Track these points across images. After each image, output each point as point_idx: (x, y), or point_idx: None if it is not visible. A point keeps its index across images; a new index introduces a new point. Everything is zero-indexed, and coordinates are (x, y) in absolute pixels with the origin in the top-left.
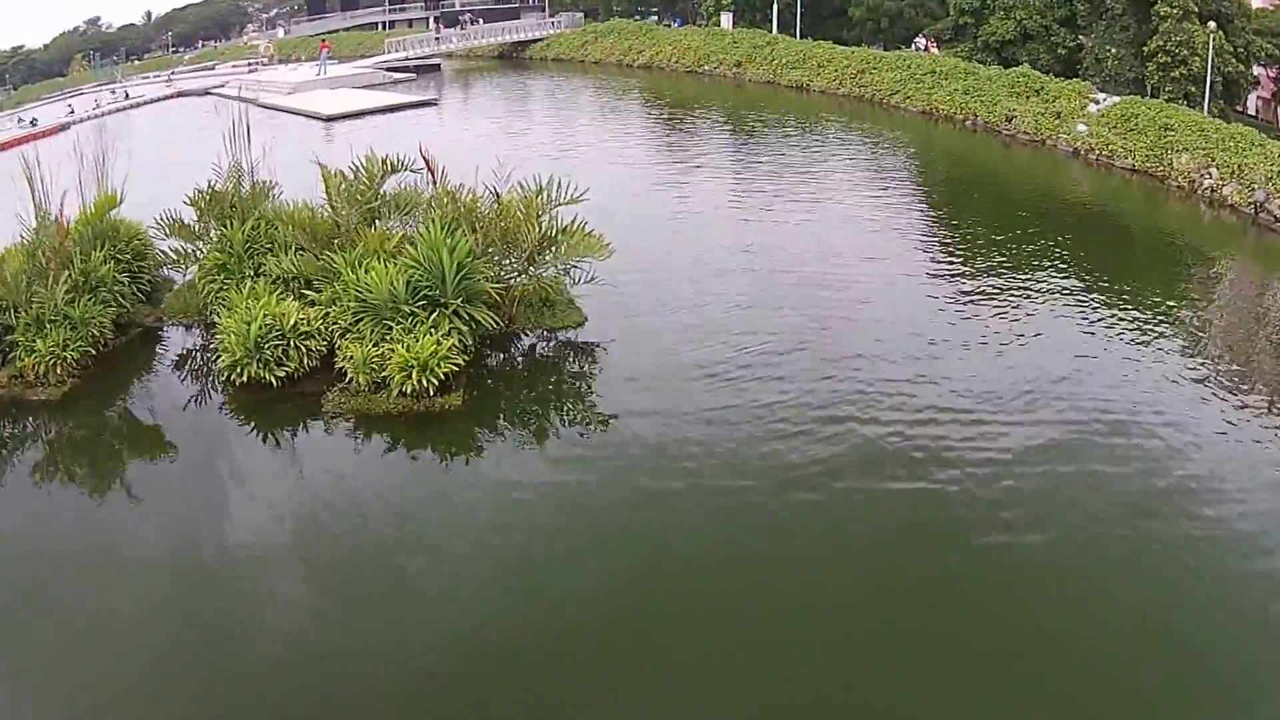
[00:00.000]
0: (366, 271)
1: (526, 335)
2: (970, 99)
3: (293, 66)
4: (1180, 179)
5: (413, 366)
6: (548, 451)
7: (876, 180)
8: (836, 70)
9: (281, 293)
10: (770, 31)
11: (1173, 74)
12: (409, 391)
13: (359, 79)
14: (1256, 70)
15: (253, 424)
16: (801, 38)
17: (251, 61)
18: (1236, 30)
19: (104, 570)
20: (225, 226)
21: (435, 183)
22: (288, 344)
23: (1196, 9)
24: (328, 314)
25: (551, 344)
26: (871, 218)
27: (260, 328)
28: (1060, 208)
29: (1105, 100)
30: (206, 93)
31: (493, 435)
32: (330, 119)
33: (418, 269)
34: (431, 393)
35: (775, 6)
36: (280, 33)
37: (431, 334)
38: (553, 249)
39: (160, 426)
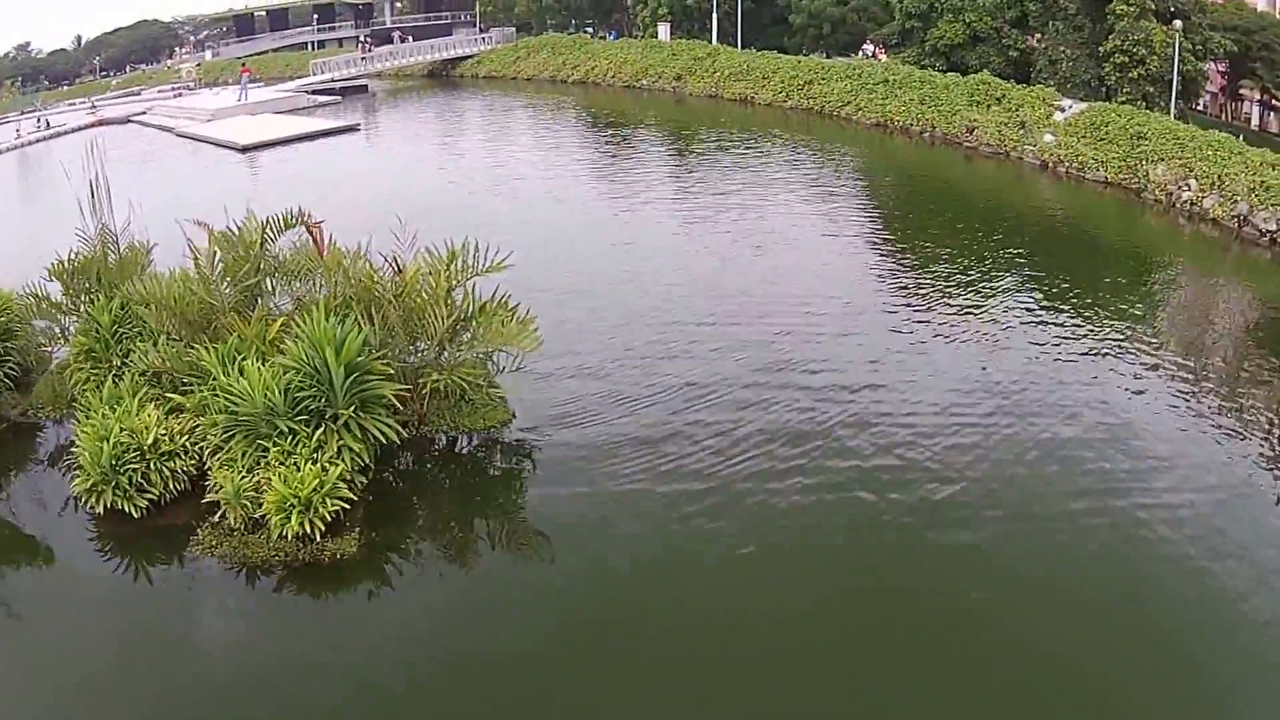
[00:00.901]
0: (240, 373)
1: (442, 437)
2: (927, 109)
3: (216, 91)
4: (1157, 191)
5: (292, 506)
6: (461, 619)
7: (835, 207)
8: (782, 82)
9: (149, 391)
10: (710, 42)
11: (1130, 74)
12: (291, 535)
13: (281, 103)
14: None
15: (106, 568)
16: (742, 47)
17: (176, 86)
18: (1194, 27)
19: None
20: (92, 303)
21: (322, 255)
22: (148, 465)
23: (1154, 6)
24: (195, 426)
25: (471, 450)
26: (836, 252)
27: (115, 445)
28: (1032, 227)
29: (1071, 108)
30: (128, 120)
31: (392, 595)
32: (247, 149)
33: (298, 372)
34: (319, 536)
35: (715, 15)
36: (208, 55)
37: (317, 458)
38: (470, 332)
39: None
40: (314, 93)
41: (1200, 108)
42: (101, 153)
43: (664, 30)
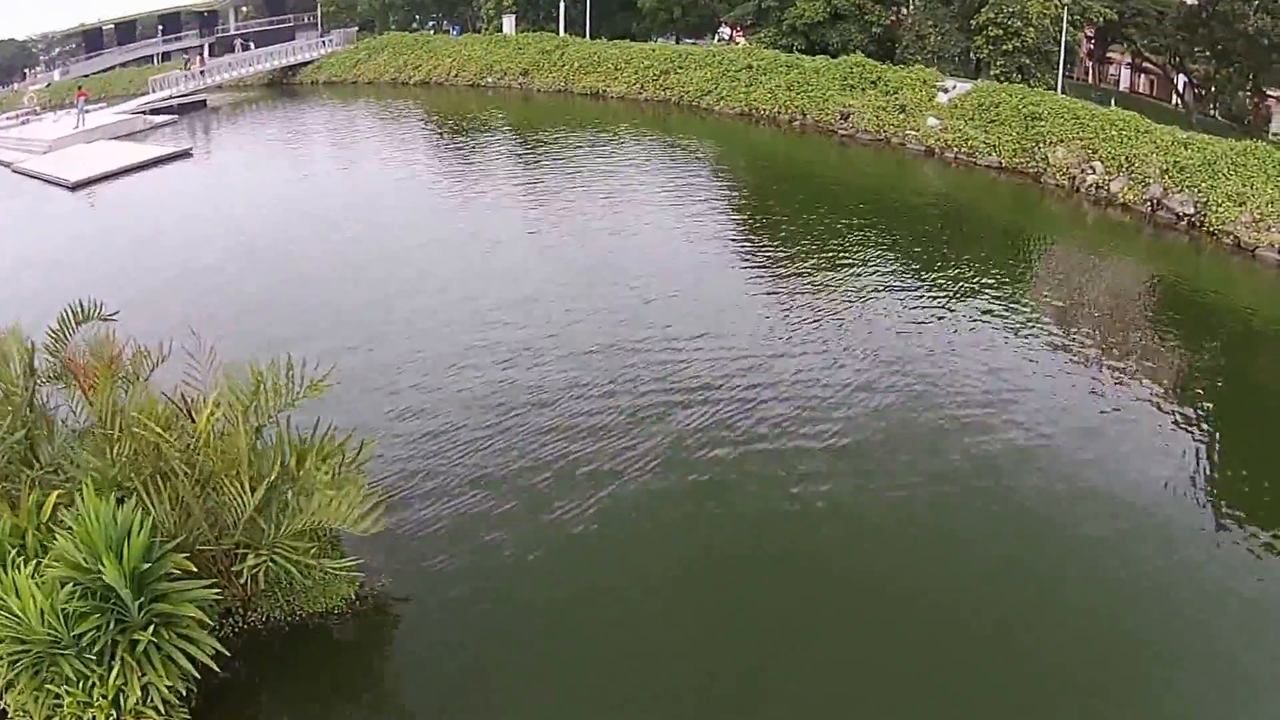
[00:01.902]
0: (14, 584)
1: (275, 624)
2: (796, 95)
3: (56, 117)
4: (1058, 175)
5: None
6: None
7: (704, 214)
8: (636, 72)
9: None
10: (557, 33)
11: (1004, 48)
12: None
13: (119, 127)
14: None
15: None
16: (591, 35)
17: (21, 113)
18: None
19: None
20: None
21: (86, 392)
22: None
23: None
24: None
25: (316, 631)
26: (704, 271)
27: None
28: (919, 218)
29: (956, 88)
30: None
31: None
32: (77, 186)
33: (76, 586)
34: None
35: (561, 4)
36: (56, 75)
37: (118, 711)
38: (290, 491)
39: None
40: (152, 112)
41: (1068, 73)
42: None
43: (509, 23)
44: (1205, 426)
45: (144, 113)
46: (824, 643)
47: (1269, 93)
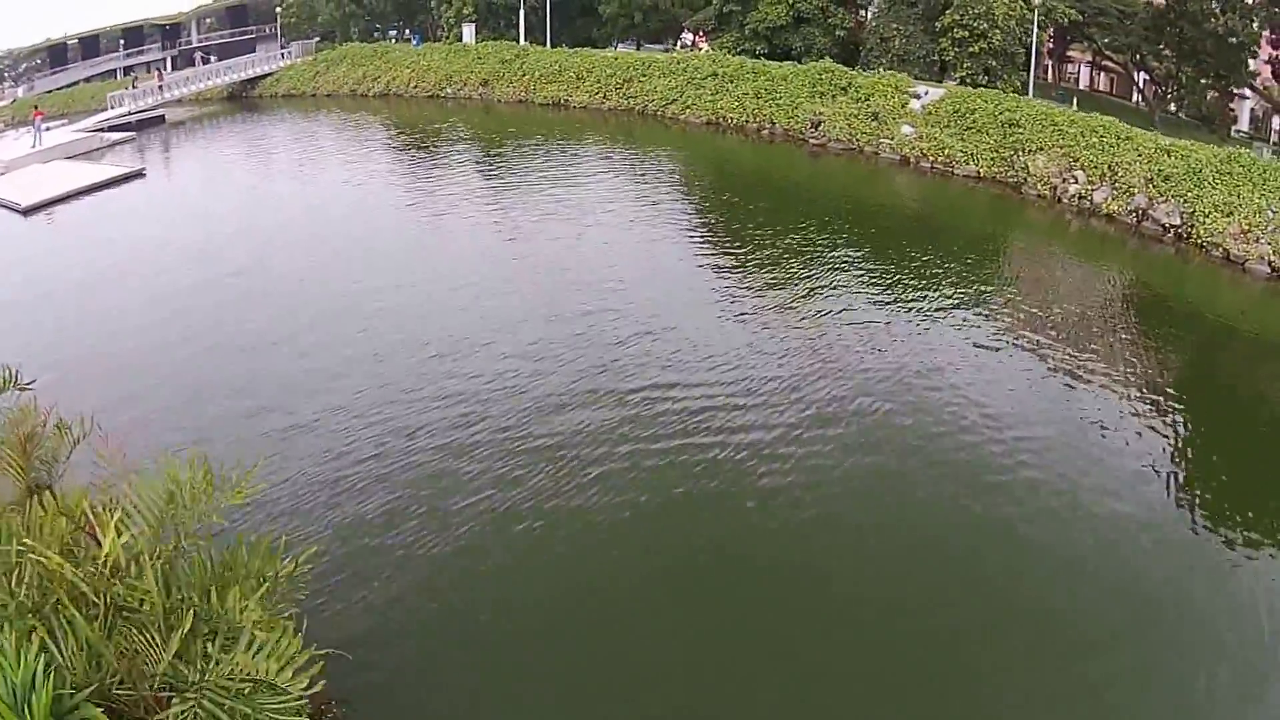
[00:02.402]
0: None
1: None
2: (764, 103)
3: (17, 135)
4: (1039, 185)
5: None
6: None
7: (679, 239)
8: (599, 81)
9: None
10: (517, 41)
11: (970, 49)
12: None
13: (76, 146)
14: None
15: None
16: (552, 43)
17: None
18: None
19: None
20: None
21: None
22: None
23: None
24: None
25: None
26: (684, 304)
27: None
28: (904, 245)
29: (928, 94)
30: None
31: None
32: (29, 210)
33: None
34: None
35: (521, 11)
36: (20, 92)
37: None
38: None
39: None
40: (111, 129)
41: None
42: None
43: (469, 32)
44: (1190, 434)
45: (102, 130)
46: (806, 649)
47: (1235, 92)
